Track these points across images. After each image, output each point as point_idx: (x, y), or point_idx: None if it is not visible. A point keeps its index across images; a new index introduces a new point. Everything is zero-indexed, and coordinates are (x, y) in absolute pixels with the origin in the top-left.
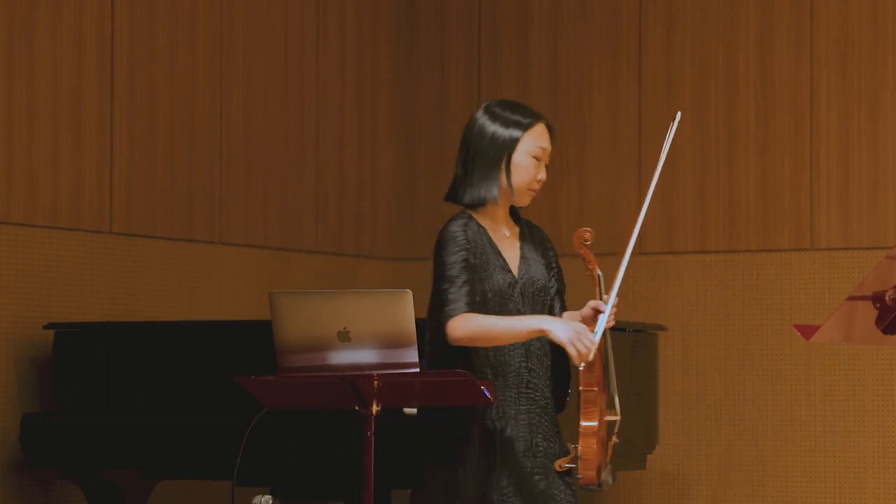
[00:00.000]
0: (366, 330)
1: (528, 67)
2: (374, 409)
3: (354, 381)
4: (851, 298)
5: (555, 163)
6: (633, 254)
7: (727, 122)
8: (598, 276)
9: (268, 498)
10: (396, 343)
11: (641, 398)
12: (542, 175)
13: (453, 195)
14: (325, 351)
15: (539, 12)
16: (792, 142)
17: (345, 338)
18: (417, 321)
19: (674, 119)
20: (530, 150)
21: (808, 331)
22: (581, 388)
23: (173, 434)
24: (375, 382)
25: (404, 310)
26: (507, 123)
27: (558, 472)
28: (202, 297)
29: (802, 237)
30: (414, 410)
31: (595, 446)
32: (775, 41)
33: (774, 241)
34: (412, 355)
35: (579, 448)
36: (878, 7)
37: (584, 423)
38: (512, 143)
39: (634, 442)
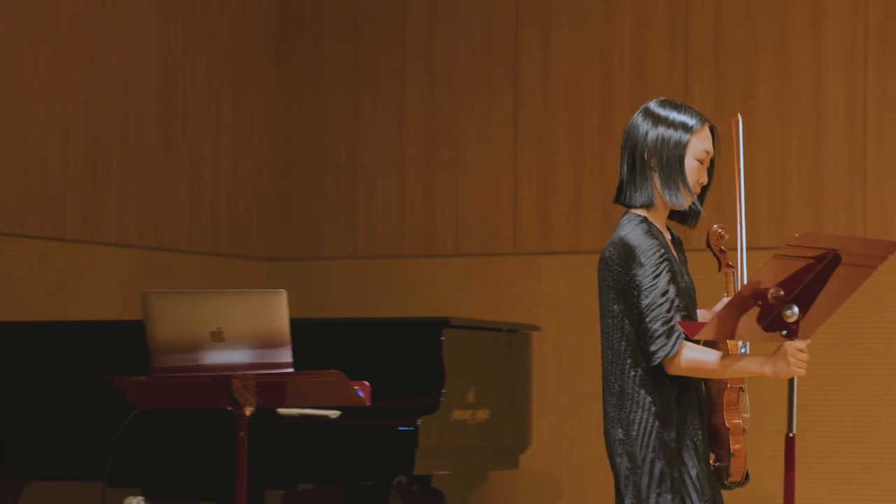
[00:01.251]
0: (240, 330)
1: (404, 68)
2: (248, 409)
3: (227, 381)
4: (738, 296)
5: (430, 162)
6: (508, 254)
7: (602, 121)
8: (734, 272)
9: (139, 499)
10: (270, 343)
11: (514, 398)
12: (704, 178)
13: (622, 197)
14: (199, 351)
15: (415, 13)
16: None
17: (218, 338)
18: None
19: (736, 122)
20: (695, 153)
21: (692, 328)
22: (728, 386)
23: (44, 435)
24: (249, 382)
25: (278, 310)
26: (674, 126)
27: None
28: (75, 297)
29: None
30: (291, 411)
31: (744, 443)
32: (650, 39)
33: None
34: (286, 355)
35: (731, 446)
36: (751, 6)
37: (732, 422)
38: (681, 146)
39: (507, 442)
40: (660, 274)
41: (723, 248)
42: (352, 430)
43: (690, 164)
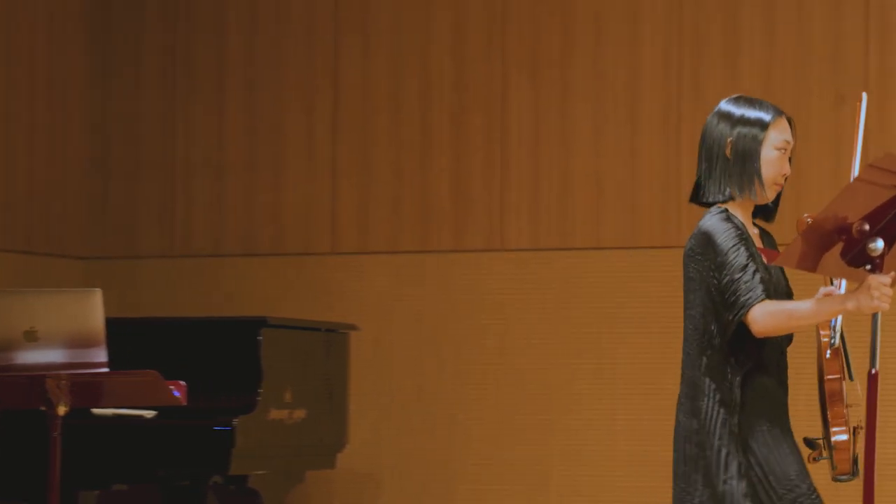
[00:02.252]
0: (54, 329)
1: (223, 68)
2: (62, 409)
3: (41, 381)
4: (818, 226)
5: (250, 161)
6: (327, 254)
7: (421, 123)
8: None
9: None
10: (85, 343)
11: (333, 398)
12: (787, 169)
13: (699, 196)
14: (12, 351)
15: (236, 13)
16: (484, 143)
17: (32, 337)
18: None
19: (860, 101)
20: (775, 143)
21: (770, 255)
22: (827, 377)
23: None
24: (63, 382)
25: (93, 309)
26: (749, 123)
27: None
28: None
29: (493, 238)
30: (106, 410)
31: (848, 436)
32: (468, 43)
33: (466, 241)
34: (101, 355)
35: (832, 439)
36: (567, 11)
37: (834, 413)
38: (758, 141)
39: (325, 441)
40: (738, 251)
41: None
42: (167, 430)
43: (770, 154)
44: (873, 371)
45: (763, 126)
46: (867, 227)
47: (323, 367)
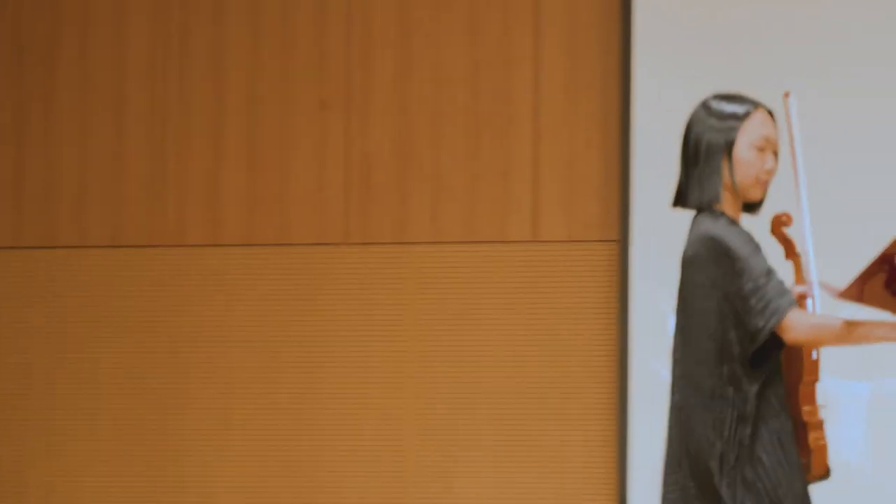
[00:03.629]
0: None
1: None
2: None
3: None
4: (871, 264)
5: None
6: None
7: (80, 120)
8: (800, 259)
9: None
10: None
11: None
12: (771, 164)
13: (681, 199)
14: None
15: None
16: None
17: None
18: None
19: (787, 99)
20: (753, 140)
21: (833, 290)
22: (805, 378)
23: None
24: None
25: None
26: (723, 117)
27: None
28: None
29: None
30: None
31: (824, 437)
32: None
33: None
34: None
35: (811, 442)
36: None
37: (811, 417)
38: (731, 137)
39: None
40: (758, 255)
41: (787, 234)
42: None
43: (748, 153)
44: None
45: (735, 123)
46: None
47: None
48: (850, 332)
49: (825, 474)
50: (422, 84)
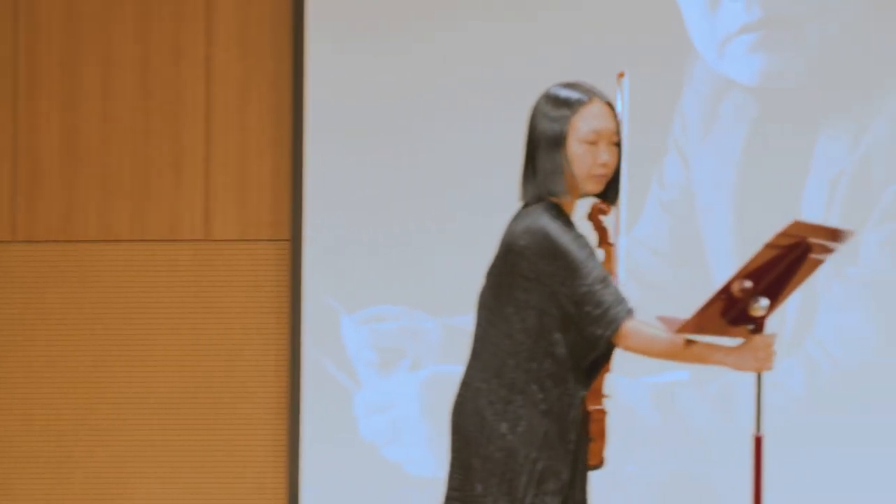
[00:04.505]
0: None
1: None
2: None
3: None
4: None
5: None
6: None
7: None
8: (612, 248)
9: None
10: None
11: None
12: (605, 157)
13: (523, 192)
14: None
15: None
16: None
17: None
18: None
19: (621, 82)
20: (582, 136)
21: (671, 323)
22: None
23: None
24: None
25: None
26: (558, 104)
27: None
28: None
29: None
30: None
31: (605, 428)
32: None
33: None
34: None
35: (592, 431)
36: None
37: (593, 406)
38: (563, 129)
39: None
40: (593, 258)
41: (603, 223)
42: None
43: (576, 147)
44: (759, 435)
45: (567, 113)
46: (749, 285)
47: None
48: (684, 350)
49: (600, 464)
50: (91, 78)
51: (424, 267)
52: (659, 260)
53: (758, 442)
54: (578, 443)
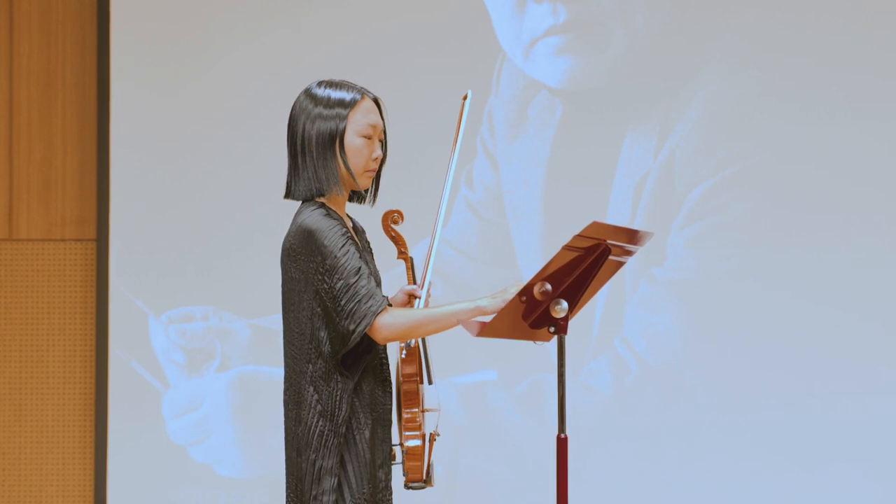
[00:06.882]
0: None
1: None
2: None
3: None
4: (524, 287)
5: None
6: None
7: None
8: (411, 259)
9: None
10: None
11: None
12: (378, 153)
13: (289, 191)
14: None
15: None
16: None
17: None
18: None
19: (465, 98)
20: (358, 130)
21: (474, 326)
22: (401, 379)
23: None
24: None
25: None
26: (331, 104)
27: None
28: None
29: None
30: None
31: (421, 441)
32: None
33: None
34: None
35: (404, 444)
36: None
37: (407, 417)
38: (340, 126)
39: None
40: (347, 252)
41: (397, 232)
42: None
43: (355, 141)
44: (562, 436)
45: (342, 111)
46: (549, 288)
47: None
48: (438, 317)
49: (421, 480)
50: None
51: (232, 268)
52: (467, 260)
53: (562, 443)
54: (362, 435)
